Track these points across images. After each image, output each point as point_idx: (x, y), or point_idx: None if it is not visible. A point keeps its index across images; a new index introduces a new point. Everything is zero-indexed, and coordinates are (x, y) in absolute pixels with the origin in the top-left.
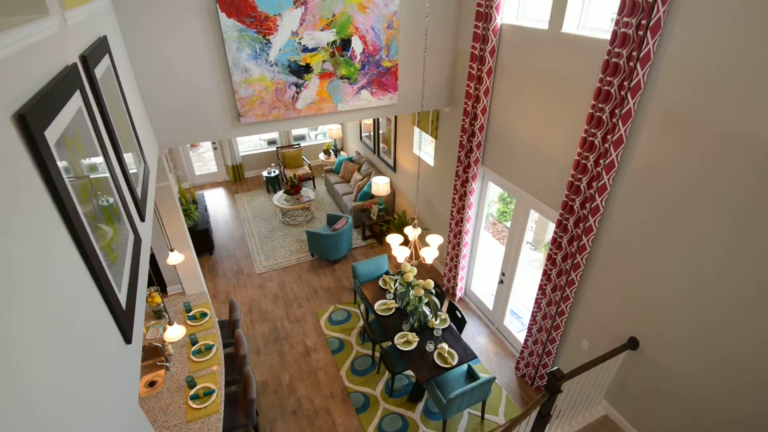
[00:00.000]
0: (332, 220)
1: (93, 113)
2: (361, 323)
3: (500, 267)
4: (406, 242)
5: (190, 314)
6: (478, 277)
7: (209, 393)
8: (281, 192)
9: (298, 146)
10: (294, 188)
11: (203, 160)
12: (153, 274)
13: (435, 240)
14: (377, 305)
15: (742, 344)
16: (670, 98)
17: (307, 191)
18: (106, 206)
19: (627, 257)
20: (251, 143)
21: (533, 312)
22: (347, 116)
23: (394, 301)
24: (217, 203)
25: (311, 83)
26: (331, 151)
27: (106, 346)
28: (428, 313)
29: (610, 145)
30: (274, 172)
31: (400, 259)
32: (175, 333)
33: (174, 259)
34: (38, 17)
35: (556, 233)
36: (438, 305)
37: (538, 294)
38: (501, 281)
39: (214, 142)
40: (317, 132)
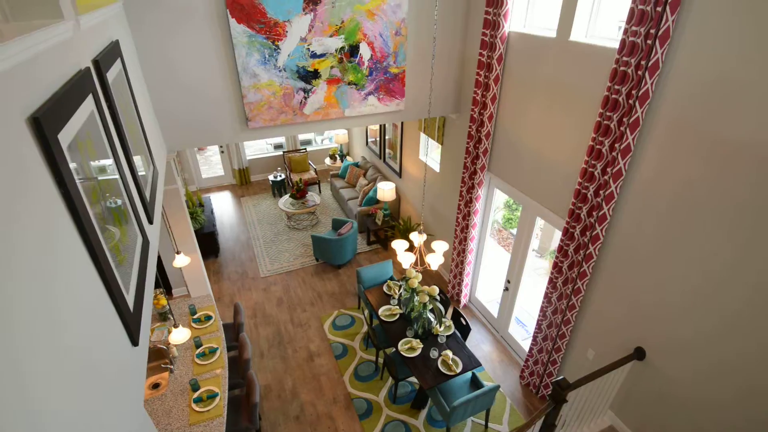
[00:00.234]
0: (337, 225)
1: (104, 117)
2: (365, 329)
3: (505, 274)
4: (412, 248)
5: (195, 317)
6: (483, 284)
7: (213, 396)
8: (287, 196)
9: (305, 151)
10: (300, 192)
11: (210, 164)
12: (159, 276)
13: (440, 246)
14: (381, 311)
15: (751, 355)
16: (679, 107)
17: (313, 196)
18: (116, 208)
19: (634, 266)
20: (258, 147)
21: (538, 320)
22: (354, 122)
23: (399, 307)
24: (224, 206)
25: (319, 89)
26: (337, 156)
27: (114, 349)
28: (432, 320)
29: (618, 154)
30: (280, 176)
31: (406, 265)
32: (180, 336)
33: (180, 262)
34: (54, 22)
35: (563, 241)
36: (442, 312)
37: (544, 302)
38: (506, 288)
39: (222, 146)
40: (323, 137)
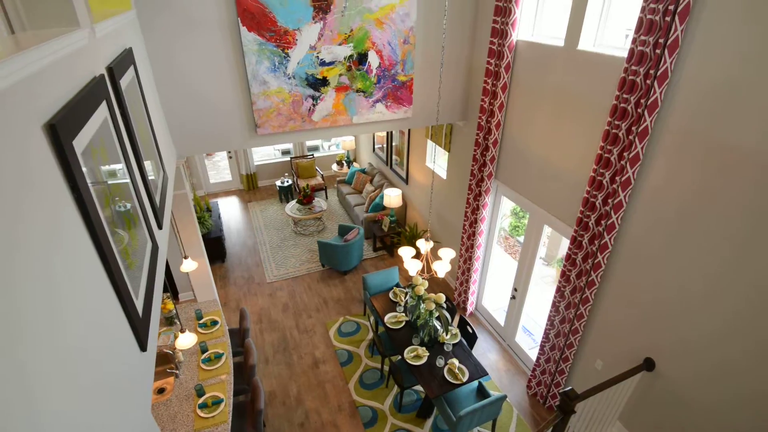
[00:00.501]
0: (344, 231)
1: (117, 123)
2: (371, 336)
3: (512, 282)
4: (418, 255)
5: (201, 322)
6: (490, 292)
7: (218, 402)
8: (294, 202)
9: (312, 157)
10: (306, 198)
11: (218, 169)
12: (166, 281)
13: (447, 254)
14: (387, 318)
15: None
16: (688, 116)
17: (320, 201)
18: (126, 213)
19: (643, 275)
20: (265, 153)
21: (546, 329)
22: (362, 129)
23: (405, 314)
24: (231, 211)
25: (327, 96)
26: (344, 162)
27: (122, 354)
28: (439, 328)
29: (627, 162)
30: (288, 182)
31: (412, 273)
32: (187, 341)
33: (188, 267)
34: (70, 30)
35: (571, 249)
36: (449, 320)
37: (551, 311)
38: (513, 297)
39: (230, 151)
40: (331, 143)
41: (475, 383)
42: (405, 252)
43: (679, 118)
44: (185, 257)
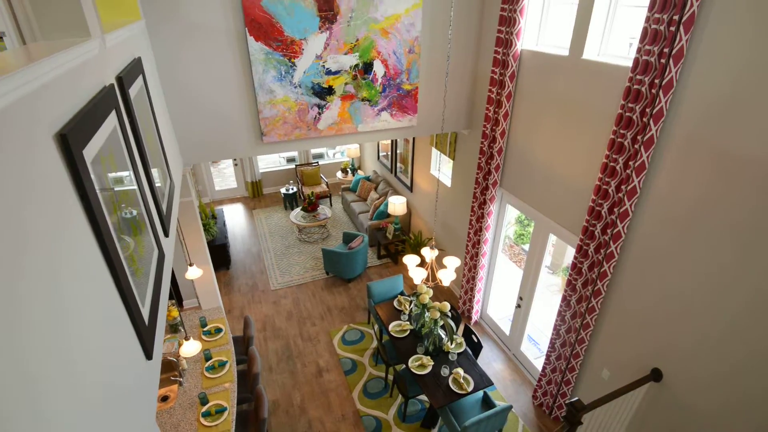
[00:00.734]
0: (348, 239)
1: (126, 132)
2: (375, 344)
3: (517, 291)
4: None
5: (205, 329)
6: (495, 301)
7: (221, 411)
8: (298, 209)
9: (317, 164)
10: (311, 205)
11: (223, 176)
12: (170, 288)
13: (452, 262)
14: (392, 326)
15: None
16: (694, 125)
17: (324, 209)
18: (133, 222)
19: (650, 285)
20: (271, 160)
21: (552, 338)
22: (367, 137)
23: (409, 323)
24: (236, 218)
25: (333, 104)
26: (349, 170)
27: (128, 362)
28: (444, 337)
29: (632, 172)
30: (292, 189)
31: (417, 281)
32: (191, 348)
33: (193, 274)
34: (81, 40)
35: (576, 258)
36: (454, 328)
37: (557, 320)
38: (518, 305)
39: (235, 159)
40: (335, 150)
41: (480, 393)
42: (410, 260)
43: (685, 127)
44: (190, 264)
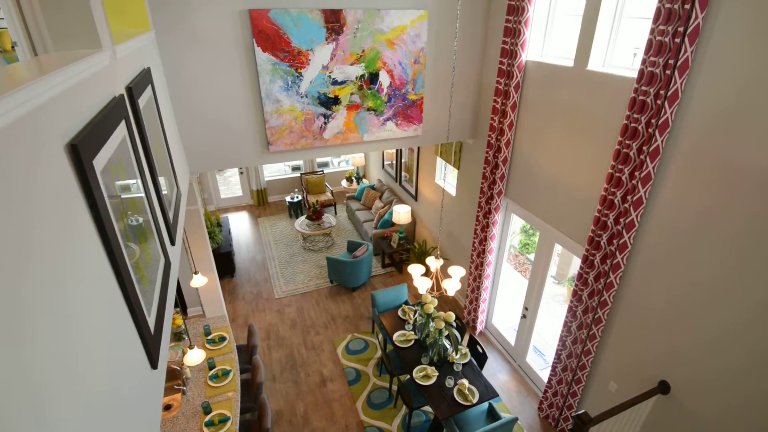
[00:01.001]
0: (353, 247)
1: (135, 141)
2: (379, 354)
3: (523, 301)
4: (427, 273)
5: (209, 338)
6: (500, 311)
7: (224, 420)
8: (303, 217)
9: (322, 173)
10: (316, 214)
11: (229, 184)
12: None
13: (457, 272)
14: (396, 336)
15: None
16: (700, 136)
17: (329, 217)
18: (141, 231)
19: (657, 296)
20: (276, 169)
21: (557, 350)
22: (372, 146)
23: (414, 333)
24: (241, 226)
25: (339, 114)
26: (354, 179)
27: (133, 371)
28: (448, 347)
29: (638, 182)
30: (297, 198)
31: (422, 291)
32: (196, 357)
33: (197, 282)
34: (93, 52)
35: (582, 269)
36: (459, 339)
37: (563, 331)
38: (524, 316)
39: (241, 167)
40: (340, 159)
41: (486, 405)
42: (415, 270)
43: (691, 138)
44: (195, 272)
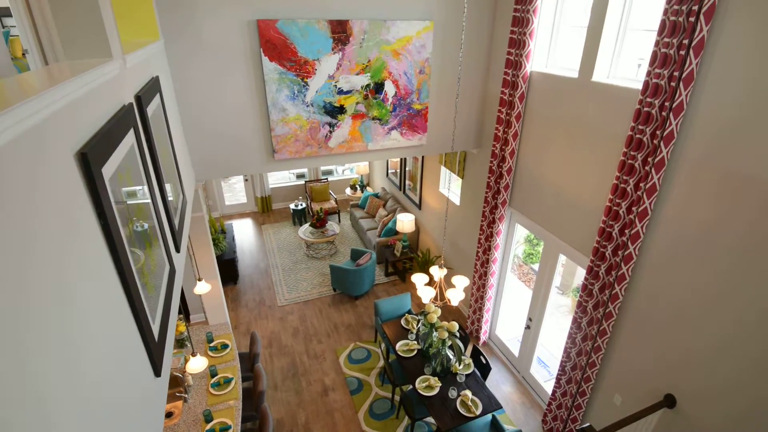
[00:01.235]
0: (356, 255)
1: (143, 150)
2: (382, 363)
3: (527, 312)
4: (431, 282)
5: (212, 345)
6: (504, 321)
7: (225, 429)
8: (307, 225)
9: (326, 180)
10: (320, 222)
11: (234, 191)
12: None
13: (461, 281)
14: (399, 345)
15: None
16: (705, 147)
17: (332, 225)
18: (147, 238)
19: (663, 308)
20: (280, 176)
21: (562, 362)
22: (377, 155)
23: (417, 342)
24: (245, 233)
25: (344, 123)
26: (358, 187)
27: (137, 379)
28: (452, 357)
29: (643, 193)
30: (301, 205)
31: (425, 300)
32: (198, 365)
33: (201, 289)
34: (103, 61)
35: (587, 280)
36: (462, 349)
37: (568, 343)
38: (527, 327)
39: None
40: (345, 167)
41: (489, 416)
42: (418, 279)
43: (697, 150)
44: (199, 279)
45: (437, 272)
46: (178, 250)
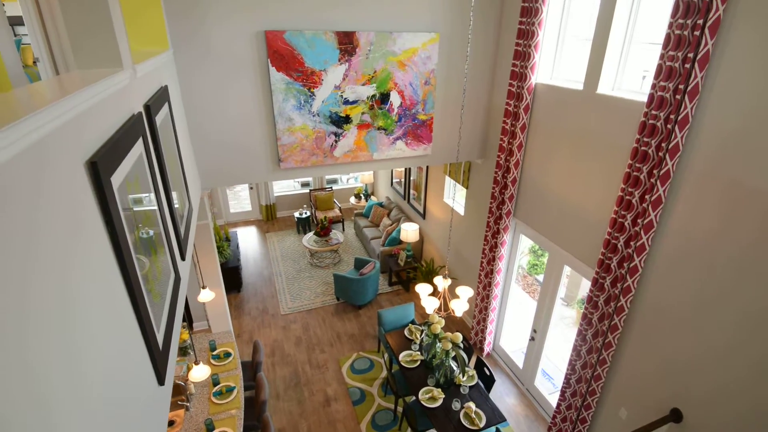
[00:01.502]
0: (360, 264)
1: (151, 158)
2: (384, 374)
3: (531, 323)
4: (435, 292)
5: (215, 353)
6: (508, 333)
7: None
8: (311, 233)
9: (330, 189)
10: (324, 230)
11: (239, 199)
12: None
13: (465, 292)
14: (402, 356)
15: None
16: (711, 160)
17: (336, 234)
18: (152, 246)
19: (669, 321)
20: (285, 185)
21: (567, 374)
22: (382, 165)
23: (420, 353)
24: (249, 241)
25: (350, 133)
26: (362, 195)
27: (141, 387)
28: (455, 368)
29: (649, 205)
30: (306, 214)
31: (429, 311)
32: (201, 373)
33: (205, 297)
34: (114, 71)
35: (592, 292)
36: (466, 360)
37: (572, 355)
38: (532, 338)
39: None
40: (349, 176)
41: (493, 429)
42: (422, 289)
43: (702, 162)
44: (203, 287)
45: (441, 282)
46: (184, 258)
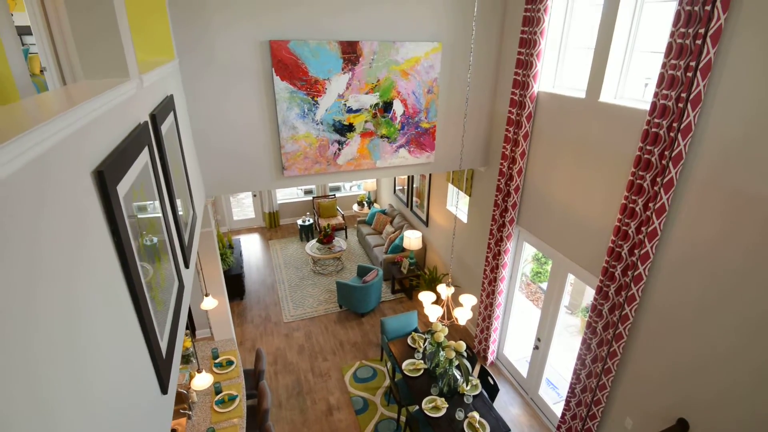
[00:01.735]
0: (362, 272)
1: (156, 166)
2: (387, 383)
3: (535, 331)
4: (438, 300)
5: (217, 361)
6: (512, 341)
7: None
8: (314, 241)
9: (333, 197)
10: (327, 237)
11: (242, 206)
12: None
13: (468, 300)
14: (405, 365)
15: None
16: (714, 168)
17: (339, 241)
18: (157, 254)
19: (674, 330)
20: (288, 192)
21: (571, 384)
22: (385, 172)
23: (423, 362)
24: (252, 249)
25: (353, 141)
26: (365, 203)
27: (144, 396)
28: (459, 377)
29: (653, 214)
30: (309, 221)
31: (432, 319)
32: (203, 382)
33: (208, 305)
34: (121, 81)
35: (596, 300)
36: (469, 369)
37: (577, 364)
38: (536, 347)
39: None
40: (352, 183)
41: None
42: (425, 297)
43: (706, 171)
44: (206, 295)
45: (444, 290)
46: (187, 266)
